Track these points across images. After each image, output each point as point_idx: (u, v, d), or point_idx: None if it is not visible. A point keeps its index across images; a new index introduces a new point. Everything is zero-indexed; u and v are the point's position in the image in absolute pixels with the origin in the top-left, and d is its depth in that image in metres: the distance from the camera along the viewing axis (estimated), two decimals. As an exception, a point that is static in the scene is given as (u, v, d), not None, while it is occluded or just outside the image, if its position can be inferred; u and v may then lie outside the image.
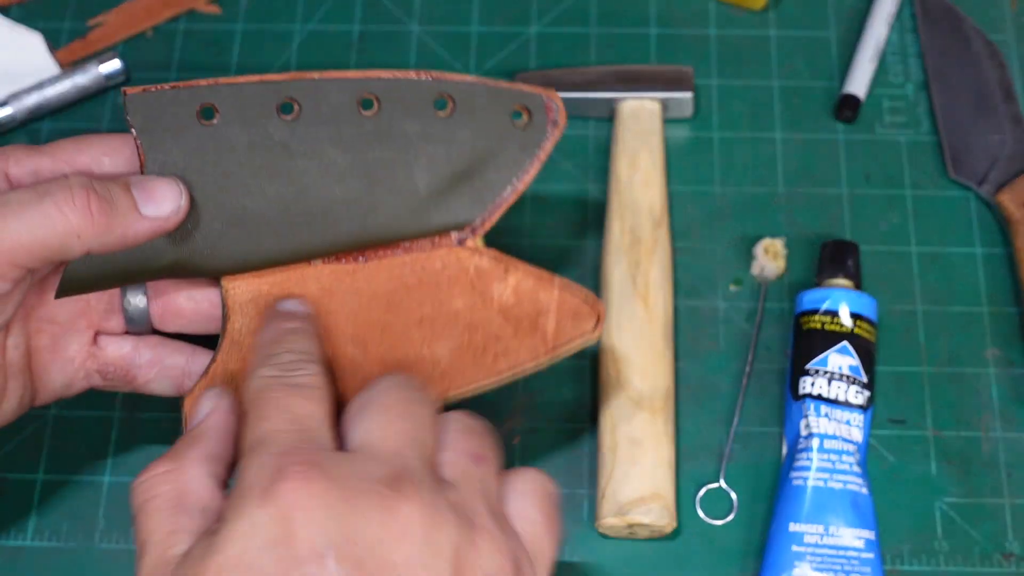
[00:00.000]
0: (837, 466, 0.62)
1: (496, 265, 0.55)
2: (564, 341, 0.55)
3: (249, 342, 0.54)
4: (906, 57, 0.77)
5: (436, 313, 0.54)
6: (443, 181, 0.54)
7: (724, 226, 0.72)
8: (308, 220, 0.54)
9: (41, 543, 0.65)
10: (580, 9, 0.79)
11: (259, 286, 0.54)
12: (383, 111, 0.54)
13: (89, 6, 0.80)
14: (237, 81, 0.53)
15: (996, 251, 0.71)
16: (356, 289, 0.54)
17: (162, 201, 0.51)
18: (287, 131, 0.53)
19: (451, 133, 0.54)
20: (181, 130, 0.53)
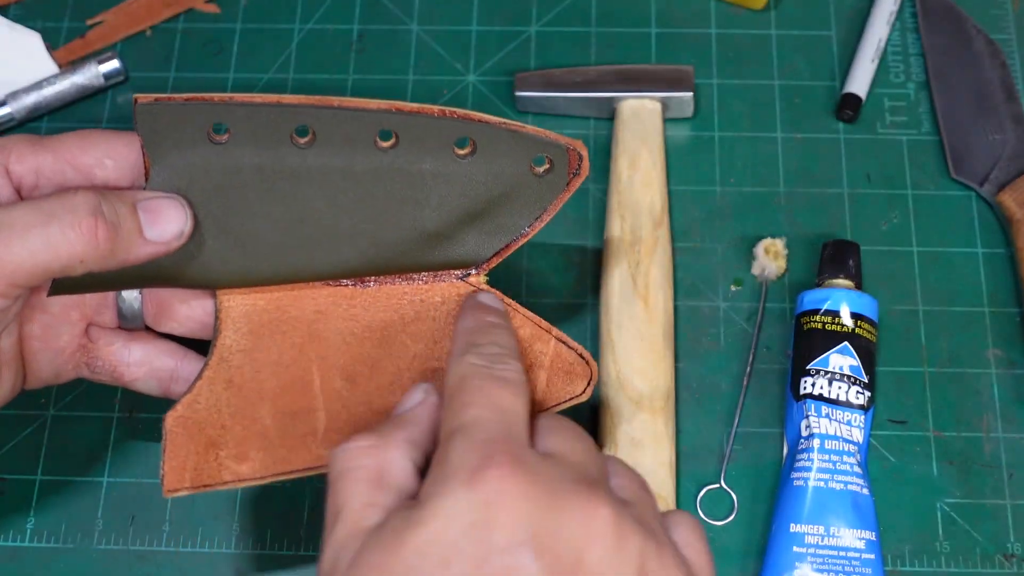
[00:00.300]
0: (838, 467, 0.62)
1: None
2: (552, 402, 0.54)
3: (239, 360, 0.53)
4: (907, 56, 0.77)
5: (428, 353, 0.53)
6: (452, 220, 0.53)
7: (724, 226, 0.72)
8: (310, 245, 0.53)
9: (40, 544, 0.64)
10: (580, 9, 0.79)
11: (255, 302, 0.54)
12: (400, 146, 0.52)
13: (88, 5, 0.80)
14: (253, 100, 0.51)
15: (997, 251, 0.71)
16: (353, 315, 0.54)
17: (167, 225, 0.51)
18: (298, 157, 0.52)
19: (468, 174, 0.53)
20: (189, 145, 0.51)
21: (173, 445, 0.53)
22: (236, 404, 0.53)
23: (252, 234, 0.53)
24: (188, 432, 0.53)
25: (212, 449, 0.53)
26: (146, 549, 0.64)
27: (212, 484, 0.53)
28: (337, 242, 0.53)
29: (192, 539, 0.64)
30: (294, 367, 0.53)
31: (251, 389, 0.53)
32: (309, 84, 0.77)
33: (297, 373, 0.53)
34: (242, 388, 0.53)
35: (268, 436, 0.53)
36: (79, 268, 0.49)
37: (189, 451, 0.53)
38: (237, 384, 0.53)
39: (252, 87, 0.77)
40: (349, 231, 0.53)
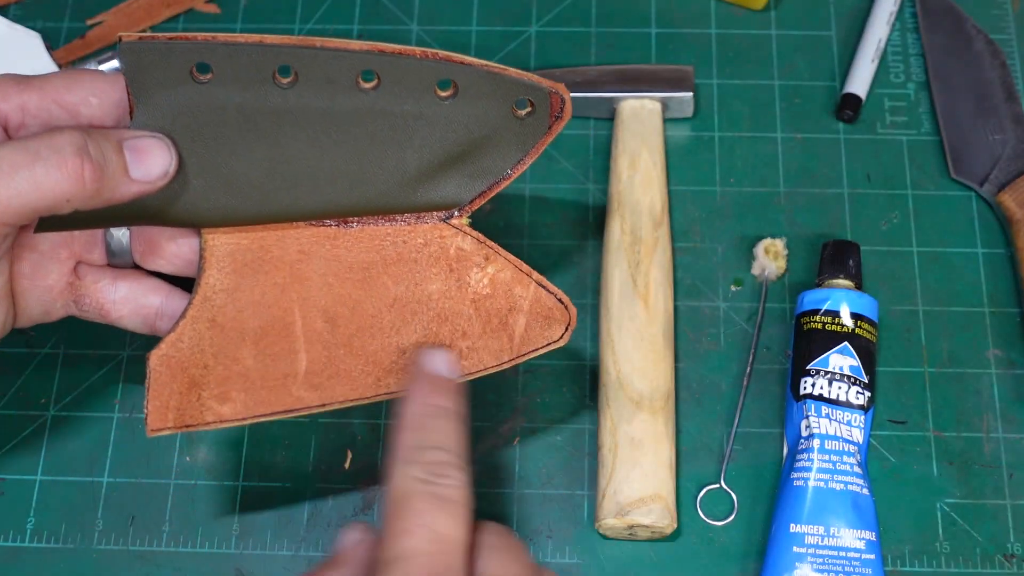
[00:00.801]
0: (838, 467, 0.62)
1: (478, 248, 0.54)
2: (530, 347, 0.54)
3: (221, 300, 0.54)
4: (907, 57, 0.77)
5: (409, 295, 0.54)
6: (434, 162, 0.54)
7: (725, 226, 0.72)
8: (292, 185, 0.53)
9: (40, 544, 0.64)
10: (580, 9, 0.79)
11: (239, 241, 0.54)
12: (383, 87, 0.53)
13: (88, 6, 0.80)
14: (236, 40, 0.52)
15: (997, 251, 0.71)
16: (335, 256, 0.54)
17: (152, 164, 0.51)
18: (280, 97, 0.52)
19: (449, 116, 0.53)
20: (173, 84, 0.52)
21: (157, 384, 0.53)
22: (218, 344, 0.53)
23: (236, 173, 0.53)
24: (171, 371, 0.53)
25: (195, 389, 0.53)
26: (146, 549, 0.64)
27: (195, 424, 0.54)
28: (320, 182, 0.54)
29: (192, 539, 0.64)
30: (276, 307, 0.54)
31: (233, 329, 0.54)
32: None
33: (278, 314, 0.54)
34: (224, 328, 0.54)
35: (250, 377, 0.53)
36: (66, 207, 0.49)
37: (172, 391, 0.53)
38: (220, 323, 0.54)
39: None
40: (331, 171, 0.54)
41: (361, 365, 0.53)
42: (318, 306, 0.53)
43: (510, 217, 0.72)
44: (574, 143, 0.74)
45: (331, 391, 0.53)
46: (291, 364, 0.53)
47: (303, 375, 0.53)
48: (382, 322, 0.54)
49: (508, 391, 0.67)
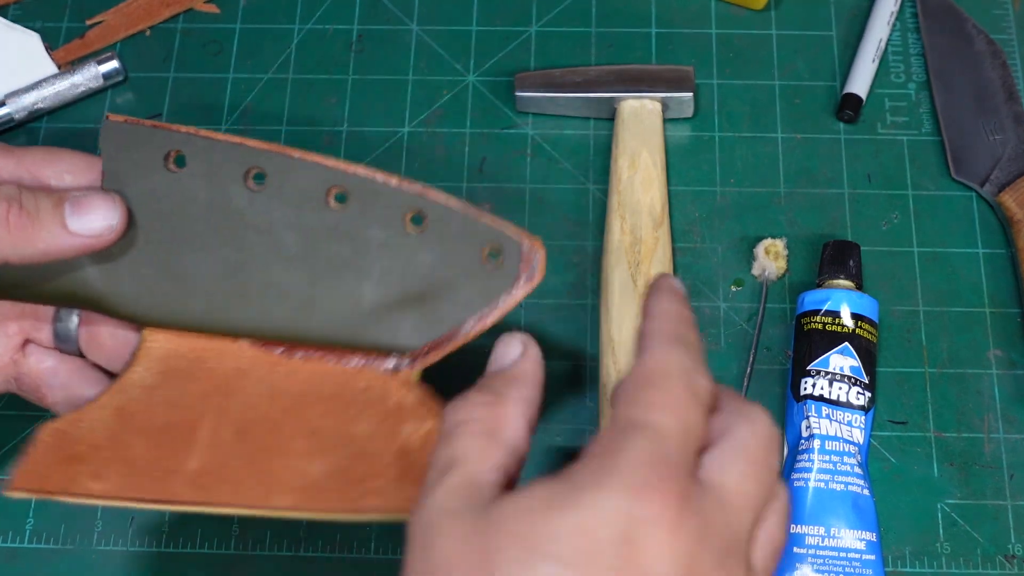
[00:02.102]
0: (838, 467, 0.62)
1: (420, 405, 0.51)
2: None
3: (137, 393, 0.52)
4: (908, 57, 0.77)
5: (333, 430, 0.51)
6: (391, 298, 0.51)
7: (725, 226, 0.72)
8: (243, 296, 0.52)
9: (39, 544, 0.64)
10: (580, 9, 0.79)
11: (178, 347, 0.52)
12: (351, 209, 0.50)
13: (87, 6, 0.80)
14: (214, 136, 0.51)
15: (998, 252, 0.71)
16: (270, 381, 0.52)
17: (94, 217, 0.50)
18: (248, 200, 0.51)
19: (415, 251, 0.51)
20: (146, 169, 0.51)
21: (37, 452, 0.51)
22: (116, 430, 0.51)
23: (189, 271, 0.52)
24: (57, 444, 0.51)
25: (73, 463, 0.51)
26: (146, 550, 0.64)
27: (57, 493, 0.51)
28: (271, 298, 0.52)
29: (191, 540, 0.64)
30: (189, 411, 0.52)
31: (137, 421, 0.51)
32: (309, 84, 0.77)
33: (188, 417, 0.51)
34: (129, 418, 0.52)
35: (133, 463, 0.51)
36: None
37: (48, 461, 0.51)
38: (127, 414, 0.51)
39: (252, 87, 0.77)
40: (285, 289, 0.52)
41: (256, 478, 0.50)
42: (234, 419, 0.51)
43: (510, 217, 0.72)
44: (574, 143, 0.74)
45: (213, 494, 0.50)
46: (180, 462, 0.50)
47: (189, 474, 0.50)
48: (294, 446, 0.50)
49: (508, 391, 0.67)
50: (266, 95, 0.77)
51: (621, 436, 0.41)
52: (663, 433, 0.41)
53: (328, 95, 0.76)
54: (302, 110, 0.76)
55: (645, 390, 0.43)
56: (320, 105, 0.76)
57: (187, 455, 0.51)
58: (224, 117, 0.76)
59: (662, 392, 0.43)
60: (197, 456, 0.51)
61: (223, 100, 0.76)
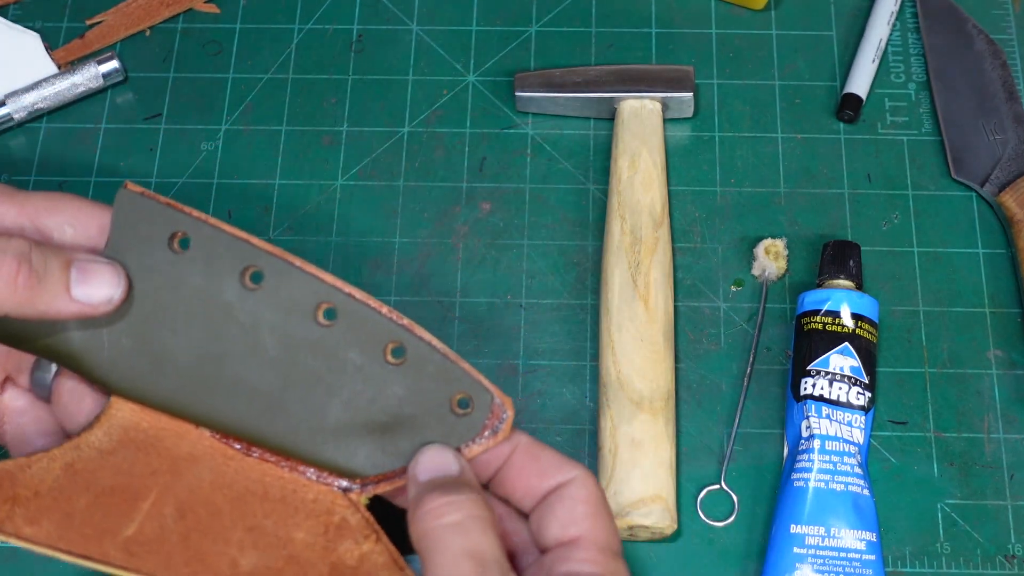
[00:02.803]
0: (838, 467, 0.62)
1: (362, 527, 0.52)
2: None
3: (91, 454, 0.53)
4: (908, 57, 0.77)
5: (271, 530, 0.52)
6: (356, 421, 0.52)
7: (725, 226, 0.72)
8: (214, 386, 0.53)
9: (38, 545, 0.64)
10: (580, 9, 0.79)
11: (140, 420, 0.53)
12: (336, 327, 0.51)
13: (87, 6, 0.80)
14: (222, 227, 0.51)
15: (998, 252, 0.71)
16: (221, 472, 0.53)
17: (98, 288, 0.50)
18: (239, 296, 0.52)
19: (388, 382, 0.51)
20: (150, 245, 0.52)
21: None
22: (61, 484, 0.52)
23: (167, 350, 0.52)
24: (0, 482, 0.52)
25: (9, 503, 0.52)
26: (145, 550, 0.64)
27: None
28: (239, 395, 0.53)
29: (191, 540, 0.64)
30: (137, 482, 0.53)
31: (84, 479, 0.52)
32: (309, 84, 0.77)
33: (136, 486, 0.52)
34: (77, 475, 0.52)
35: (71, 517, 0.52)
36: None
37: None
38: (75, 470, 0.52)
39: (252, 87, 0.77)
40: (256, 388, 0.52)
41: (187, 557, 0.51)
42: (177, 498, 0.52)
43: (510, 217, 0.72)
44: (574, 143, 0.74)
45: (141, 563, 0.51)
46: (117, 526, 0.51)
47: (123, 540, 0.51)
48: (231, 536, 0.51)
49: (508, 391, 0.67)
50: (266, 95, 0.77)
51: None
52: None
53: (328, 95, 0.76)
54: (302, 110, 0.76)
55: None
56: (320, 105, 0.76)
57: (125, 521, 0.52)
58: (224, 117, 0.76)
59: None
60: (135, 524, 0.52)
61: (223, 100, 0.76)
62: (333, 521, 0.52)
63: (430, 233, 0.72)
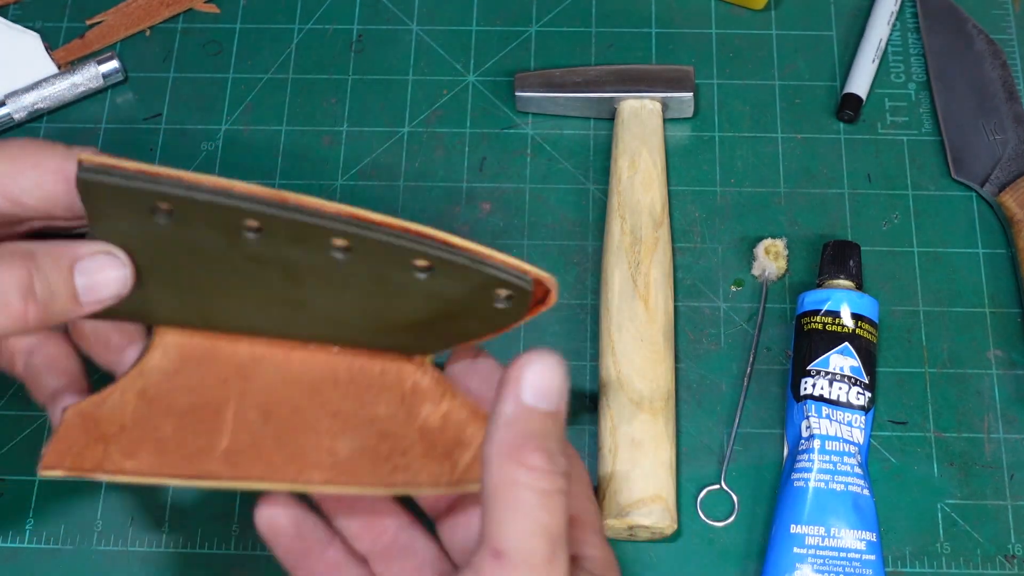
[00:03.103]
0: (838, 467, 0.62)
1: (435, 387, 0.52)
2: (473, 478, 0.52)
3: (157, 378, 0.52)
4: (908, 57, 0.77)
5: (353, 412, 0.52)
6: (409, 320, 0.52)
7: (725, 226, 0.72)
8: (265, 311, 0.52)
9: (39, 544, 0.64)
10: (580, 9, 0.79)
11: (190, 338, 0.52)
12: (355, 255, 0.50)
13: (87, 6, 0.80)
14: (200, 183, 0.48)
15: (998, 252, 0.71)
16: (286, 367, 0.53)
17: (104, 288, 0.49)
18: (249, 243, 0.50)
19: (426, 290, 0.51)
20: (132, 219, 0.49)
21: (65, 431, 0.51)
22: (141, 412, 0.52)
23: (201, 289, 0.52)
24: (84, 425, 0.51)
25: (102, 442, 0.52)
26: (146, 550, 0.64)
27: (91, 471, 0.51)
28: (294, 313, 0.52)
29: (192, 539, 0.64)
30: (211, 395, 0.52)
31: (161, 403, 0.52)
32: (309, 84, 0.77)
33: (212, 399, 0.52)
34: (153, 401, 0.52)
35: (164, 442, 0.52)
36: (1, 336, 0.48)
37: (78, 439, 0.51)
38: (148, 397, 0.52)
39: (252, 87, 0.77)
40: (308, 307, 0.52)
41: (287, 456, 0.51)
42: (256, 402, 0.52)
43: (510, 217, 0.72)
44: (574, 143, 0.74)
45: (247, 470, 0.51)
46: (211, 441, 0.51)
47: (221, 452, 0.51)
48: (319, 426, 0.52)
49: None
50: (266, 95, 0.77)
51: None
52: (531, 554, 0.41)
53: (328, 95, 0.76)
54: (302, 110, 0.76)
55: (494, 512, 0.43)
56: (320, 105, 0.76)
57: (216, 435, 0.52)
58: (224, 117, 0.76)
59: (510, 510, 0.42)
60: (226, 436, 0.52)
61: (223, 100, 0.76)
62: (406, 388, 0.52)
63: (430, 233, 0.72)
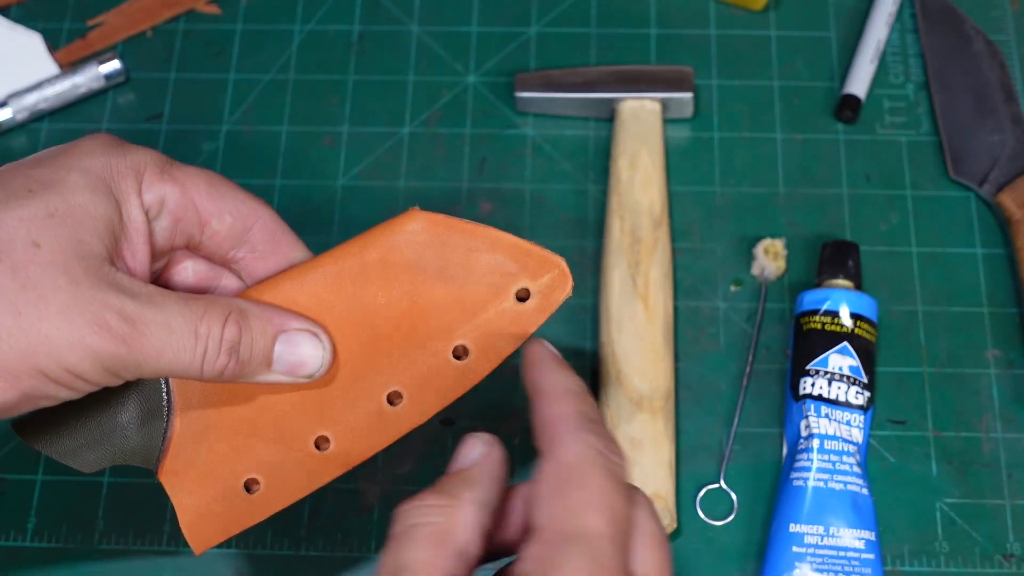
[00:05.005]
0: (837, 467, 0.62)
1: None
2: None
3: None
4: (906, 57, 0.77)
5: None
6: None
7: (724, 226, 0.72)
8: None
9: (40, 544, 0.65)
10: (580, 9, 0.79)
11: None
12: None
13: (89, 6, 0.80)
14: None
15: (996, 251, 0.71)
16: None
17: (300, 367, 0.50)
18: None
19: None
20: None
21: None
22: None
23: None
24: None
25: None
26: (146, 549, 0.64)
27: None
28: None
29: (193, 539, 0.64)
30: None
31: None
32: (310, 84, 0.77)
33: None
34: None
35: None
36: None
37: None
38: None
39: (253, 87, 0.77)
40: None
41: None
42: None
43: (510, 217, 0.72)
44: (574, 143, 0.74)
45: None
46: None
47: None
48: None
49: (508, 391, 0.67)
50: (267, 96, 0.77)
51: (555, 552, 0.40)
52: (597, 539, 0.41)
53: (329, 95, 0.77)
54: (303, 110, 0.76)
55: (568, 492, 0.42)
56: (321, 105, 0.76)
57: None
58: (225, 118, 0.76)
59: (587, 490, 0.42)
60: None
61: (224, 101, 0.77)
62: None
63: (430, 233, 0.72)
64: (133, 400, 0.51)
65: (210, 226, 0.52)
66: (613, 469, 0.42)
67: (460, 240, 0.52)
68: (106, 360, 0.45)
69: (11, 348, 0.44)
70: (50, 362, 0.45)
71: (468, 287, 0.52)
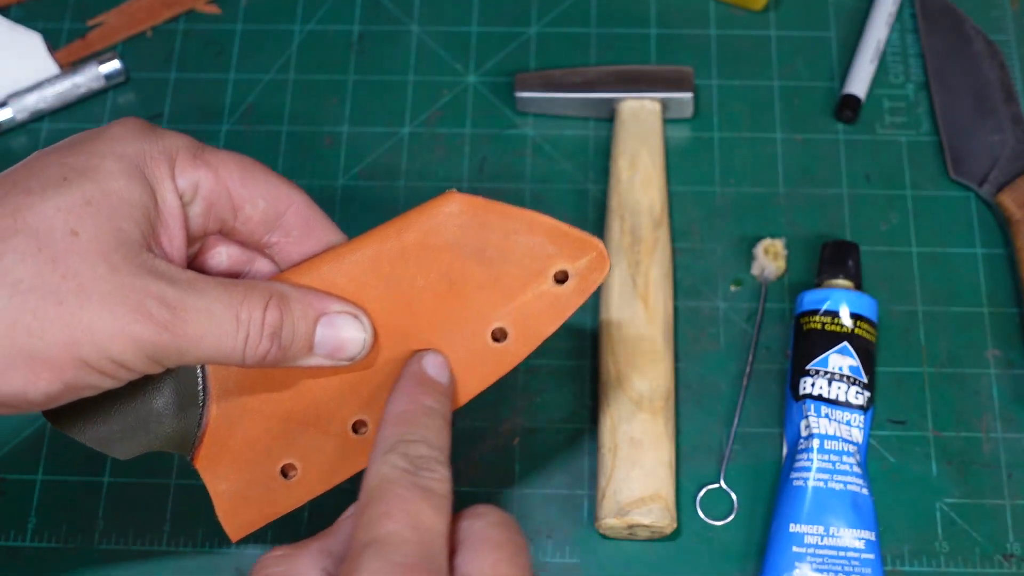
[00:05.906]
0: (837, 467, 0.62)
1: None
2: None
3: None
4: (906, 57, 0.77)
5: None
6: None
7: (724, 226, 0.72)
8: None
9: (40, 544, 0.65)
10: (580, 9, 0.79)
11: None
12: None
13: (89, 6, 0.80)
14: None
15: (996, 251, 0.71)
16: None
17: (341, 349, 0.50)
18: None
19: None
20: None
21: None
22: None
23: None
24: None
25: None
26: (146, 549, 0.64)
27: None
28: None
29: (192, 539, 0.64)
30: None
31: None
32: (309, 85, 0.77)
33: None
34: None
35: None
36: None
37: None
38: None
39: (253, 88, 0.77)
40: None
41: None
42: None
43: (510, 217, 0.72)
44: (574, 143, 0.74)
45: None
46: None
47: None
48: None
49: (508, 391, 0.67)
50: (267, 96, 0.77)
51: (357, 558, 0.41)
52: (393, 542, 0.41)
53: (329, 95, 0.77)
54: (303, 111, 0.76)
55: (368, 506, 0.43)
56: (321, 105, 0.76)
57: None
58: (225, 118, 0.76)
59: (382, 502, 0.43)
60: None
61: (224, 101, 0.77)
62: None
63: (430, 233, 0.72)
64: (169, 386, 0.51)
65: (243, 211, 0.51)
66: (421, 483, 0.43)
67: (498, 222, 0.52)
68: (148, 348, 0.45)
69: (54, 339, 0.44)
70: (93, 352, 0.44)
71: (506, 269, 0.52)
